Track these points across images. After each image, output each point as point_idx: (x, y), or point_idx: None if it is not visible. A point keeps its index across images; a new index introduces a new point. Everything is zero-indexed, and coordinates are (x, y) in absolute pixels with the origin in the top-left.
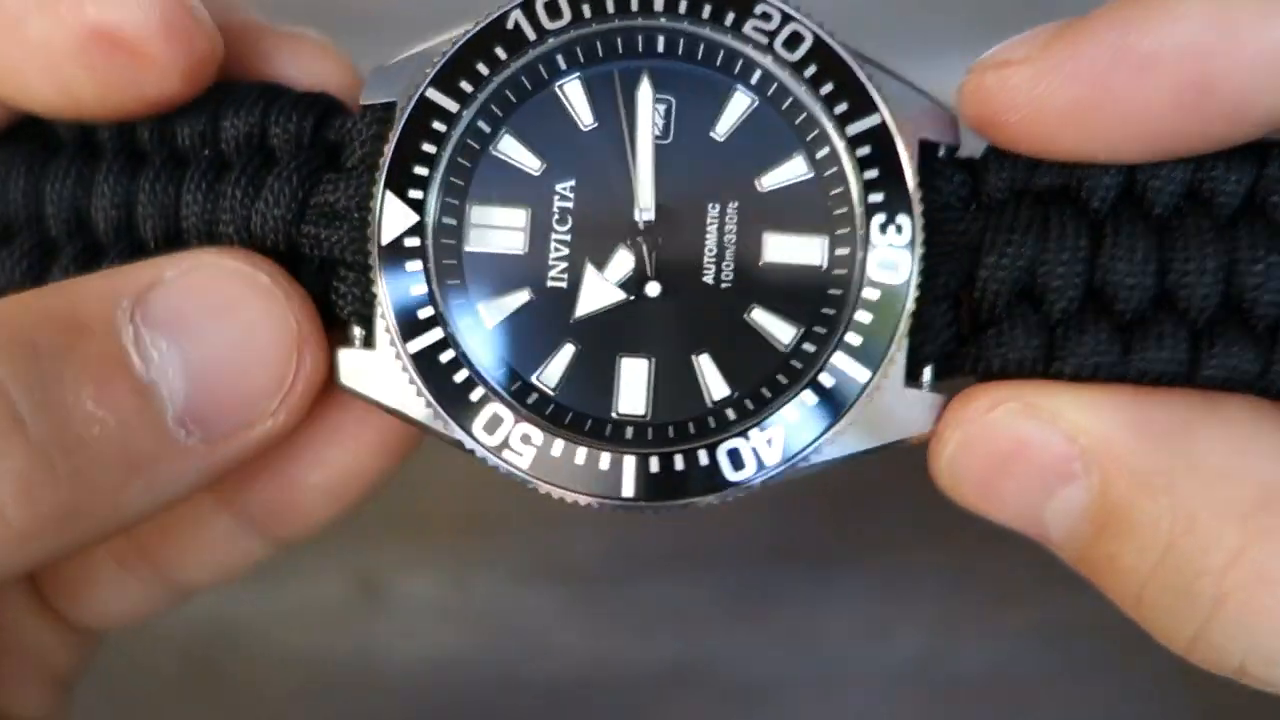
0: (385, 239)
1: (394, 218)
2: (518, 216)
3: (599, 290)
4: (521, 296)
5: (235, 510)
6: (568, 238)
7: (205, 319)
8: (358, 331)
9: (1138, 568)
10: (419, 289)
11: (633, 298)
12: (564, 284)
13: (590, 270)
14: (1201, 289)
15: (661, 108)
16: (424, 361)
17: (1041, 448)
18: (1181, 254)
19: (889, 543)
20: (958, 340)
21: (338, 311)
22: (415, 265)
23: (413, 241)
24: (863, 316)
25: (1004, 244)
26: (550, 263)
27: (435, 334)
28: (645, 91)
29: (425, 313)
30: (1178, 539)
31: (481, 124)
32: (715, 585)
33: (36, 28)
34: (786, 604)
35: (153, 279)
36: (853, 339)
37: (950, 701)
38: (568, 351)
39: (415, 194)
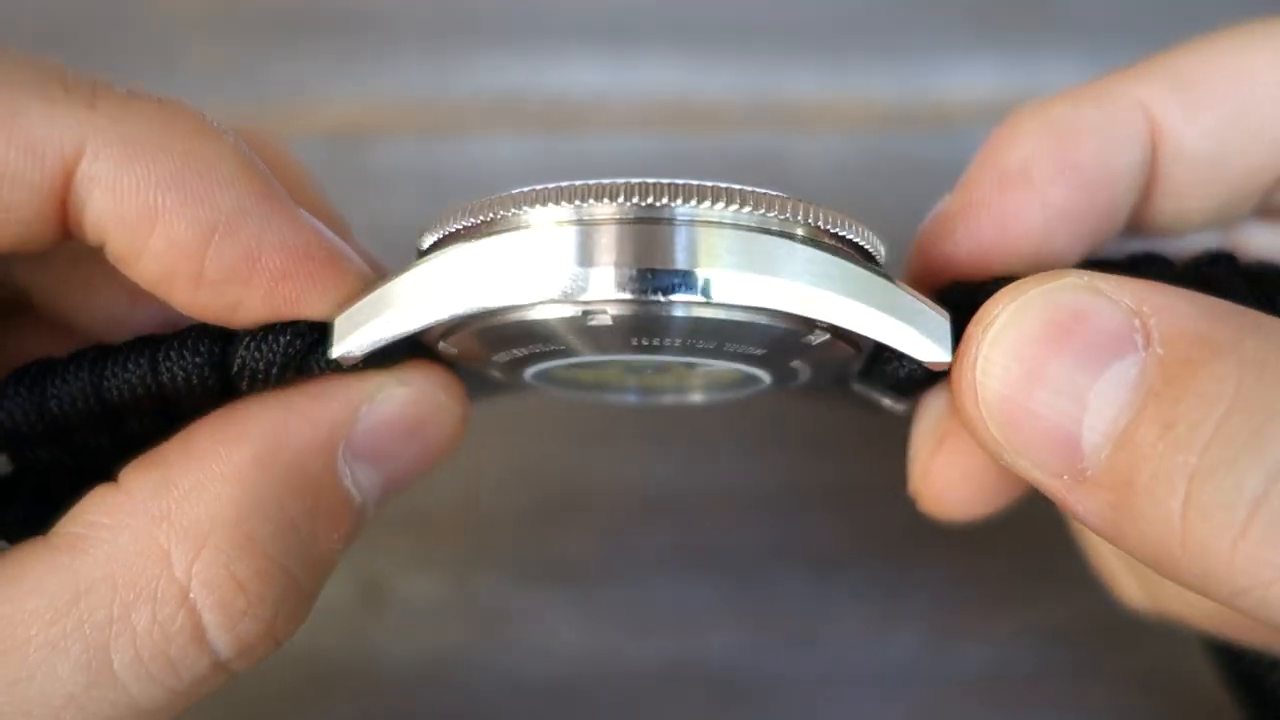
0: None
1: None
2: None
3: None
4: None
5: None
6: None
7: (398, 444)
8: None
9: (1200, 424)
10: None
11: None
12: None
13: None
14: None
15: None
16: None
17: (1101, 319)
18: None
19: (889, 543)
20: None
21: None
22: None
23: None
24: None
25: None
26: None
27: None
28: None
29: None
30: (1247, 385)
31: None
32: (715, 585)
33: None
34: (786, 604)
35: (353, 414)
36: None
37: (950, 701)
38: None
39: None
